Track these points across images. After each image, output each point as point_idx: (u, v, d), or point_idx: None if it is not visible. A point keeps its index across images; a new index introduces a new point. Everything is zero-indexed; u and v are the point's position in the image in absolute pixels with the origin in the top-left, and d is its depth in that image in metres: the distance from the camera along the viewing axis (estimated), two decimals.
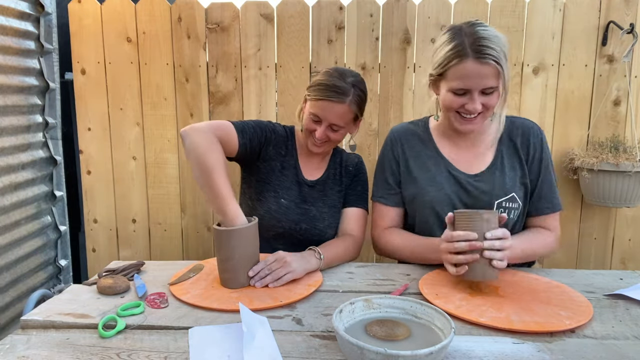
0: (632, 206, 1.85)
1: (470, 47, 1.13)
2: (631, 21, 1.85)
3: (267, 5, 1.93)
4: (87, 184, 2.09)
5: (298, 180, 1.43)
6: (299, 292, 1.06)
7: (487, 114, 1.21)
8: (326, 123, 1.32)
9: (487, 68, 1.12)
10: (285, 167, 1.43)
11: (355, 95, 1.31)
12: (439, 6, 1.89)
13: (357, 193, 1.48)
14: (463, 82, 1.15)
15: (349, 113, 1.31)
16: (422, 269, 1.25)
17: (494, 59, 1.11)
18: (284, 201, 1.39)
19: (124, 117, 2.04)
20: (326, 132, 1.33)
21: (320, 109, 1.31)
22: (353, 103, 1.31)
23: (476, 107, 1.16)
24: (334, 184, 1.47)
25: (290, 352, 0.82)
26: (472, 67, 1.13)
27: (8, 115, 1.75)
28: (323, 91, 1.29)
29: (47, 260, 2.01)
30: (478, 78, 1.14)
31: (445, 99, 1.22)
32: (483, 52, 1.11)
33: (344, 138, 1.44)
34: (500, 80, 1.15)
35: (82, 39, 1.99)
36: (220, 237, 1.09)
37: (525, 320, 0.91)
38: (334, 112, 1.30)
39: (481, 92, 1.16)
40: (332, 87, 1.29)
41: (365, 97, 1.36)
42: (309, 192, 1.43)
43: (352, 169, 1.49)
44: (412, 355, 0.67)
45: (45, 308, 0.99)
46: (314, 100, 1.32)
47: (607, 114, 1.93)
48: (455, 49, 1.15)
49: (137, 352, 0.82)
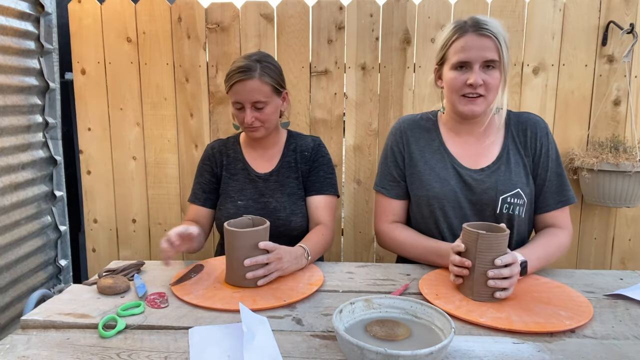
0: (632, 206, 1.85)
1: (469, 25, 1.20)
2: (631, 21, 1.85)
3: (267, 5, 1.93)
4: (87, 184, 2.09)
5: (250, 177, 1.46)
6: (301, 292, 1.06)
7: (489, 96, 1.22)
8: (248, 104, 1.34)
9: (487, 41, 1.17)
10: (233, 172, 1.47)
11: (263, 68, 1.34)
12: (439, 6, 1.89)
13: (320, 179, 1.46)
14: (464, 54, 1.19)
15: (263, 85, 1.33)
16: (422, 269, 1.25)
17: (493, 34, 1.17)
18: (241, 202, 1.43)
19: (124, 117, 2.04)
20: (253, 113, 1.35)
21: (235, 93, 1.35)
22: (263, 75, 1.33)
23: (477, 79, 1.17)
24: (290, 171, 1.46)
25: (290, 352, 0.82)
26: (472, 39, 1.18)
27: (8, 115, 1.75)
28: (232, 77, 1.34)
29: (47, 260, 2.01)
30: (478, 50, 1.17)
31: (447, 79, 1.24)
32: (482, 26, 1.18)
33: (280, 115, 1.46)
34: (499, 57, 1.18)
35: (82, 39, 1.99)
36: (229, 237, 1.09)
37: (525, 321, 0.91)
38: (247, 90, 1.33)
39: (482, 67, 1.18)
40: (237, 69, 1.33)
41: (276, 69, 1.38)
42: (265, 185, 1.45)
43: (308, 154, 1.48)
44: (412, 355, 0.67)
45: (45, 308, 0.99)
46: (229, 90, 1.37)
47: (607, 114, 1.93)
48: (455, 28, 1.22)
49: (137, 352, 0.82)
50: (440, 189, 1.29)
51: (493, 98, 1.23)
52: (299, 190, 1.46)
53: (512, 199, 1.25)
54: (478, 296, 1.02)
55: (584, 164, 1.82)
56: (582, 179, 1.86)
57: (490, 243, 1.01)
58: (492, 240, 1.01)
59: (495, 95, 1.23)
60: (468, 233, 1.04)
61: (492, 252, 1.01)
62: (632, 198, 1.80)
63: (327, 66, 1.95)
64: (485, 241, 1.01)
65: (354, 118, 1.99)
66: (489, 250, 1.01)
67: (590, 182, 1.84)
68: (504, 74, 1.21)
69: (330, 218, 1.45)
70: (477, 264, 1.02)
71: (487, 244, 1.01)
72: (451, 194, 1.28)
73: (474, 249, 1.02)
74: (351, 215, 2.05)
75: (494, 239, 1.01)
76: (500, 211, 1.26)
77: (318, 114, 1.99)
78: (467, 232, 1.04)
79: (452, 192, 1.28)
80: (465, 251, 1.05)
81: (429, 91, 1.94)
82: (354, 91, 1.97)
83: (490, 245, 1.01)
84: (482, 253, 1.01)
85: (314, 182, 1.46)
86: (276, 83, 1.37)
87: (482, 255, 1.01)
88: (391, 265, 1.29)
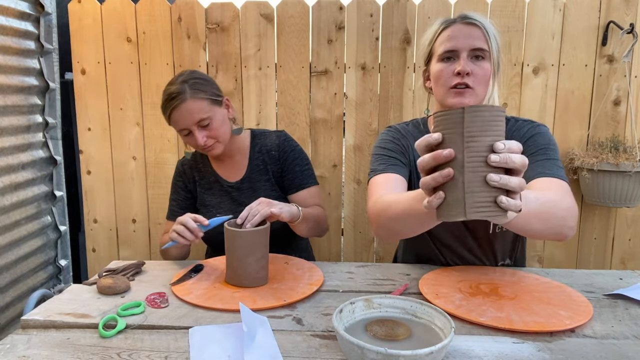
0: (632, 206, 1.85)
1: (457, 17, 1.17)
2: (631, 21, 1.85)
3: (267, 5, 1.93)
4: (87, 184, 2.09)
5: (224, 188, 1.45)
6: (301, 292, 1.06)
7: (478, 89, 1.13)
8: (193, 127, 1.31)
9: (474, 29, 1.13)
10: (207, 186, 1.47)
11: (192, 86, 1.30)
12: (439, 6, 1.89)
13: (297, 175, 1.44)
14: (450, 43, 1.14)
15: (199, 102, 1.29)
16: (422, 269, 1.25)
17: (479, 23, 1.13)
18: (220, 215, 1.40)
19: (124, 117, 2.04)
20: (201, 133, 1.31)
21: (176, 121, 1.32)
22: (195, 92, 1.29)
23: (465, 67, 1.10)
24: (260, 175, 1.44)
25: (290, 352, 0.82)
26: (459, 28, 1.14)
27: (8, 115, 1.75)
28: (166, 107, 1.31)
29: (47, 260, 2.01)
30: (465, 37, 1.13)
31: (434, 72, 1.18)
32: (468, 17, 1.15)
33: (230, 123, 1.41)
34: (488, 47, 1.13)
35: (82, 39, 1.99)
36: (229, 237, 1.10)
37: (525, 320, 0.91)
38: (185, 113, 1.29)
39: (470, 56, 1.13)
40: (168, 97, 1.30)
41: (205, 81, 1.34)
42: (239, 194, 1.44)
43: (276, 153, 1.45)
44: (412, 355, 0.67)
45: (45, 308, 0.99)
46: (169, 121, 1.34)
47: (607, 114, 1.93)
48: (442, 22, 1.19)
49: (137, 352, 0.82)
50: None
51: (483, 92, 1.15)
52: (273, 191, 1.44)
53: None
54: (474, 208, 0.69)
55: (584, 164, 1.82)
56: (582, 179, 1.86)
57: (484, 119, 0.68)
58: (486, 115, 0.68)
59: (486, 89, 1.15)
60: (448, 114, 0.70)
61: (489, 133, 0.68)
62: (632, 198, 1.80)
63: (327, 66, 1.96)
64: (477, 117, 0.68)
65: (354, 118, 1.99)
66: (483, 132, 0.68)
67: (590, 182, 1.84)
68: (494, 67, 1.15)
69: (319, 202, 1.44)
70: (466, 156, 0.69)
71: (480, 121, 0.68)
72: None
73: (460, 134, 0.69)
74: (351, 215, 2.05)
75: (487, 112, 0.68)
76: (493, 227, 1.21)
77: (318, 114, 1.99)
78: (446, 114, 0.70)
79: None
80: (442, 142, 0.71)
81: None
82: (354, 91, 1.97)
83: (485, 123, 0.68)
84: (473, 138, 0.68)
85: (292, 180, 1.43)
86: (211, 95, 1.33)
87: (474, 141, 0.68)
88: (391, 265, 1.29)
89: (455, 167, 0.70)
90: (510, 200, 0.69)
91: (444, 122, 0.71)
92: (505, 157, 0.68)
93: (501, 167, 0.69)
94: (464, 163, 0.69)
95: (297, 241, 1.52)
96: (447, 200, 0.72)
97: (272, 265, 1.22)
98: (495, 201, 0.69)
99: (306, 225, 1.29)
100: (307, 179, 1.43)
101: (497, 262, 1.28)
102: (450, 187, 0.71)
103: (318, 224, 1.36)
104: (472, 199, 0.69)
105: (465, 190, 0.69)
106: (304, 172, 1.44)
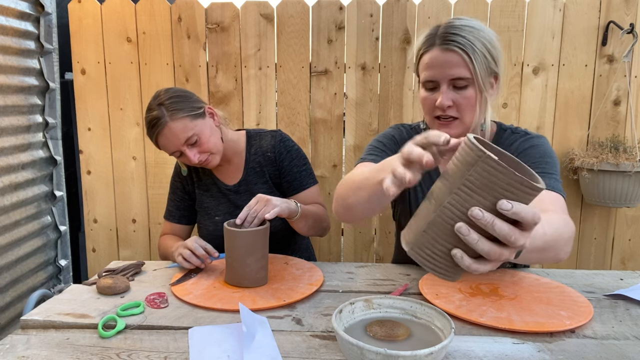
0: (632, 206, 1.85)
1: (438, 36, 1.05)
2: (631, 21, 1.85)
3: (267, 5, 1.93)
4: (87, 184, 2.09)
5: (222, 192, 1.44)
6: (301, 292, 1.06)
7: (465, 117, 1.07)
8: (182, 148, 1.28)
9: (453, 56, 1.02)
10: (205, 188, 1.46)
11: (169, 107, 1.26)
12: (439, 6, 1.89)
13: (295, 176, 1.42)
14: (429, 72, 1.06)
15: (180, 122, 1.26)
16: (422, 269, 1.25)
17: (460, 46, 1.01)
18: (218, 218, 1.41)
19: (124, 117, 2.04)
20: (193, 151, 1.29)
21: (164, 146, 1.30)
22: (174, 113, 1.25)
23: (443, 101, 1.04)
24: (257, 178, 1.43)
25: (290, 352, 0.82)
26: (437, 55, 1.04)
27: (8, 115, 1.75)
28: (151, 134, 1.29)
29: (47, 260, 2.01)
30: (443, 67, 1.04)
31: (421, 98, 1.12)
32: (448, 39, 1.02)
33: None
34: (471, 73, 1.02)
35: (82, 39, 1.99)
36: (229, 237, 1.10)
37: (526, 320, 0.91)
38: (170, 137, 1.27)
39: (451, 85, 1.05)
40: (149, 124, 1.28)
41: (181, 97, 1.29)
42: (237, 197, 1.43)
43: (271, 154, 1.42)
44: (412, 355, 0.67)
45: (45, 308, 0.99)
46: (158, 146, 1.32)
47: (607, 114, 1.93)
48: (425, 39, 1.08)
49: (137, 352, 0.82)
50: None
51: (470, 119, 1.07)
52: (271, 193, 1.42)
53: None
54: (420, 250, 0.62)
55: (584, 164, 1.82)
56: (582, 179, 1.86)
57: (493, 181, 0.55)
58: (499, 178, 0.54)
59: (473, 114, 1.07)
60: (467, 146, 0.57)
61: (492, 196, 0.55)
62: (632, 198, 1.80)
63: (327, 66, 1.96)
64: (488, 173, 0.55)
65: (354, 118, 1.99)
66: (485, 192, 0.56)
67: (590, 182, 1.84)
68: (481, 90, 1.05)
69: (320, 201, 1.44)
70: (450, 199, 0.58)
71: (487, 180, 0.55)
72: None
73: (461, 173, 0.57)
74: None
75: (503, 176, 0.54)
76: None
77: (318, 114, 1.99)
78: (467, 145, 0.57)
79: None
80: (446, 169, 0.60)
81: None
82: (354, 91, 1.97)
83: (493, 185, 0.55)
84: (469, 190, 0.56)
85: (291, 182, 1.42)
86: (190, 110, 1.28)
87: (467, 193, 0.57)
88: (391, 266, 1.29)
89: (435, 199, 0.60)
90: (466, 260, 0.58)
91: (460, 151, 0.59)
92: (487, 221, 0.55)
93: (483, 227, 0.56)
94: (442, 205, 0.58)
95: (298, 241, 1.51)
96: (411, 222, 0.64)
97: (272, 265, 1.22)
98: (449, 254, 0.59)
99: (305, 223, 1.29)
100: (305, 180, 1.42)
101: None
102: (419, 214, 0.63)
103: (318, 222, 1.35)
104: (425, 241, 0.60)
105: (425, 228, 0.60)
106: (302, 172, 1.42)
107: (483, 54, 1.03)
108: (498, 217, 0.56)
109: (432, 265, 0.61)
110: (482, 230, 0.57)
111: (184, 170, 1.46)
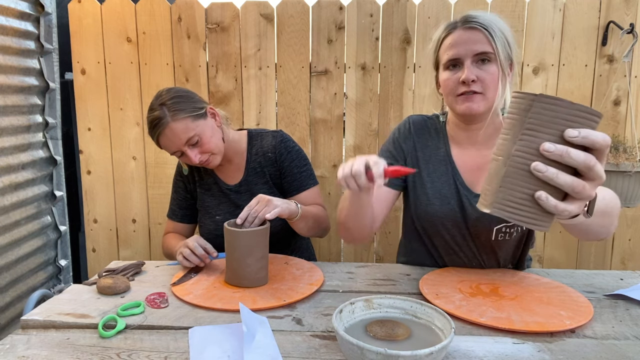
0: (632, 206, 1.85)
1: (459, 21, 1.13)
2: (631, 21, 1.85)
3: (267, 5, 1.93)
4: (87, 184, 2.09)
5: (223, 191, 1.44)
6: (301, 292, 1.06)
7: (488, 93, 1.10)
8: (184, 148, 1.29)
9: (476, 33, 1.08)
10: (207, 187, 1.46)
11: (171, 107, 1.26)
12: (439, 6, 1.89)
13: (296, 177, 1.42)
14: (452, 51, 1.11)
15: (181, 123, 1.26)
16: (422, 269, 1.25)
17: (482, 25, 1.08)
18: (219, 217, 1.41)
19: (124, 117, 2.04)
20: (194, 151, 1.29)
21: (165, 146, 1.30)
22: (175, 114, 1.25)
23: (468, 75, 1.07)
24: (257, 178, 1.43)
25: (290, 352, 0.82)
26: (460, 34, 1.10)
27: (8, 115, 1.75)
28: (153, 134, 1.29)
29: (47, 260, 2.01)
30: (467, 44, 1.09)
31: (442, 80, 1.16)
32: (470, 20, 1.10)
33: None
34: (493, 49, 1.08)
35: (82, 39, 1.99)
36: (229, 237, 1.10)
37: (526, 320, 0.91)
38: (171, 137, 1.27)
39: (475, 61, 1.09)
40: (150, 124, 1.28)
41: (183, 97, 1.29)
42: (237, 197, 1.43)
43: (272, 155, 1.42)
44: (412, 355, 0.67)
45: (45, 308, 0.99)
46: (159, 146, 1.32)
47: (607, 114, 1.93)
48: (445, 26, 1.16)
49: (137, 352, 0.82)
50: (440, 207, 1.20)
51: (493, 95, 1.11)
52: (271, 193, 1.42)
53: (506, 229, 1.17)
54: (502, 205, 0.62)
55: None
56: None
57: (555, 114, 0.57)
58: (560, 111, 0.57)
59: (496, 92, 1.10)
60: (518, 97, 0.62)
61: (555, 130, 0.58)
62: (632, 198, 1.80)
63: (327, 66, 1.96)
64: (547, 109, 0.58)
65: (354, 118, 1.99)
66: (547, 127, 0.58)
67: None
68: (502, 68, 1.09)
69: (320, 202, 1.44)
70: (516, 147, 0.60)
71: (549, 115, 0.58)
72: (451, 213, 1.19)
73: (520, 122, 0.60)
74: None
75: (563, 108, 0.57)
76: (495, 239, 1.18)
77: (318, 114, 1.99)
78: (517, 96, 0.62)
79: (452, 212, 1.19)
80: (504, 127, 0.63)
81: (429, 91, 1.94)
82: (354, 91, 1.97)
83: (554, 118, 0.57)
84: (532, 130, 0.59)
85: (291, 182, 1.42)
86: (192, 110, 1.28)
87: (531, 135, 0.59)
88: (391, 266, 1.29)
89: (502, 155, 0.62)
90: (552, 200, 0.57)
91: (512, 105, 0.62)
92: (561, 150, 0.55)
93: (558, 161, 0.58)
94: (510, 154, 0.60)
95: (298, 241, 1.51)
96: (484, 187, 0.67)
97: (272, 265, 1.22)
98: (533, 200, 0.59)
99: (305, 224, 1.29)
100: (306, 180, 1.42)
101: (499, 267, 1.27)
102: (490, 175, 0.65)
103: (318, 223, 1.35)
104: (504, 194, 0.61)
105: (501, 184, 0.62)
106: (302, 173, 1.42)
107: (502, 36, 1.09)
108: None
109: (520, 217, 0.61)
110: (559, 165, 0.58)
111: (185, 169, 1.47)
